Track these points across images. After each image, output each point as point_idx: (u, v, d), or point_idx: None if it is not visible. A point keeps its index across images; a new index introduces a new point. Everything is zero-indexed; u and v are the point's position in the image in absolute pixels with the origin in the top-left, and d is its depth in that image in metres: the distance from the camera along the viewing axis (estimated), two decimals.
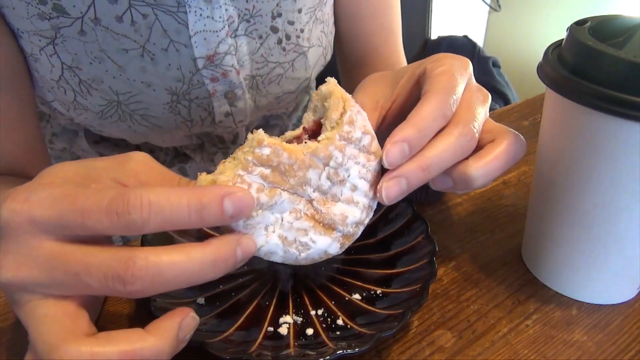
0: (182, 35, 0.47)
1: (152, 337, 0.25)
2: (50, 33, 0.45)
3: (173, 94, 0.51)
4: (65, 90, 0.49)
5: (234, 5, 0.49)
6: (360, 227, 0.34)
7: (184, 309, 0.27)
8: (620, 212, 0.34)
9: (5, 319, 0.38)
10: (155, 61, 0.48)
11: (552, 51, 0.36)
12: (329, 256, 0.33)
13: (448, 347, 0.35)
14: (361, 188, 0.33)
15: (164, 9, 0.46)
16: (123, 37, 0.46)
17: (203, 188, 0.26)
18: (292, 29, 0.54)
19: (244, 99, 0.55)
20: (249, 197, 0.27)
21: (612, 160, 0.32)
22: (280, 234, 0.31)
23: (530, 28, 2.03)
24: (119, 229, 0.25)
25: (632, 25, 0.34)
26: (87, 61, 0.47)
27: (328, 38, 0.61)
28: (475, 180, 0.34)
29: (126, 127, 0.53)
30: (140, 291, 0.24)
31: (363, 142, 0.32)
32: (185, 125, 0.55)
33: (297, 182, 0.30)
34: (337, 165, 0.31)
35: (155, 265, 0.24)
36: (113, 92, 0.49)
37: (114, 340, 0.24)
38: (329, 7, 0.60)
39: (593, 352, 0.35)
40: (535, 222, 0.41)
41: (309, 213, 0.31)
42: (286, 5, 0.52)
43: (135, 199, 0.24)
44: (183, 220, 0.25)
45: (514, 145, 0.35)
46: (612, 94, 0.30)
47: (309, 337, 0.35)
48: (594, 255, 0.36)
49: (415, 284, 0.37)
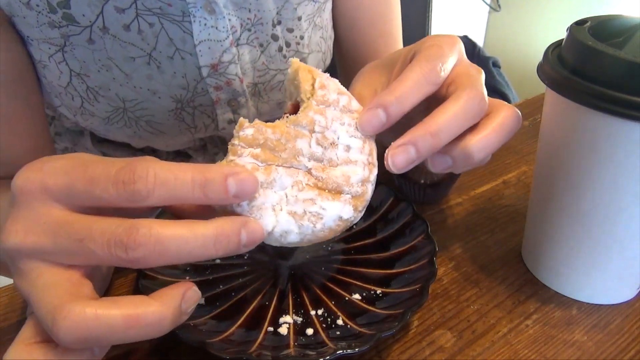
0: (187, 44, 0.48)
1: (156, 303, 0.25)
2: (60, 41, 0.46)
3: (178, 102, 0.52)
4: (72, 97, 0.50)
5: (237, 15, 0.50)
6: (368, 185, 0.33)
7: (187, 282, 0.27)
8: (620, 212, 0.34)
9: (5, 319, 0.38)
10: (161, 69, 0.49)
11: (552, 51, 0.36)
12: (346, 223, 0.32)
13: (448, 347, 0.35)
14: (355, 146, 0.33)
15: (169, 19, 0.47)
16: (130, 45, 0.47)
17: (208, 166, 0.27)
18: (292, 37, 0.55)
19: (247, 106, 0.56)
20: (253, 178, 0.28)
21: (612, 160, 0.32)
22: (289, 210, 0.30)
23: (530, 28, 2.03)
24: (125, 199, 0.25)
25: (632, 25, 0.34)
26: (95, 68, 0.48)
27: (327, 43, 0.62)
28: (475, 155, 0.33)
29: (131, 133, 0.54)
30: (141, 259, 0.25)
31: (341, 102, 0.33)
32: (189, 132, 0.56)
33: (289, 154, 0.30)
34: (323, 128, 0.31)
35: (158, 234, 0.25)
36: (119, 99, 0.50)
37: (119, 304, 0.25)
38: (327, 13, 0.60)
39: (593, 352, 0.35)
40: (535, 222, 0.41)
41: (310, 183, 0.31)
42: (286, 14, 0.53)
43: (141, 169, 0.25)
44: (187, 194, 0.26)
45: (510, 117, 0.34)
46: (612, 94, 0.30)
47: (309, 337, 0.35)
48: (594, 255, 0.36)
49: (415, 284, 0.37)
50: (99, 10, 0.44)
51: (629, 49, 0.32)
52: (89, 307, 0.24)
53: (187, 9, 0.47)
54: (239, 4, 0.50)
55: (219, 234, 0.26)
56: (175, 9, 0.46)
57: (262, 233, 0.29)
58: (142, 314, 0.25)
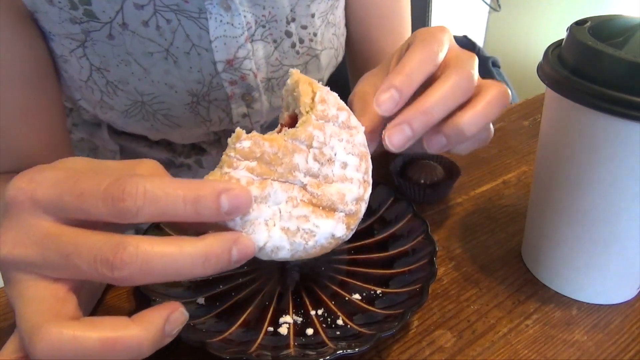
0: (203, 40, 0.49)
1: (137, 327, 0.25)
2: (81, 36, 0.47)
3: (193, 96, 0.53)
4: (92, 90, 0.52)
5: (252, 12, 0.51)
6: (362, 204, 0.33)
7: (174, 303, 0.27)
8: (620, 212, 0.34)
9: (5, 319, 0.38)
10: (178, 64, 0.50)
11: (552, 51, 0.36)
12: (338, 241, 0.33)
13: (448, 347, 0.35)
14: (351, 163, 0.32)
15: (186, 15, 0.48)
16: (148, 40, 0.48)
17: (201, 182, 0.26)
18: (306, 33, 0.56)
19: (261, 100, 0.58)
20: (247, 194, 0.27)
21: (612, 160, 0.32)
22: (282, 226, 0.30)
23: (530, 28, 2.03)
24: (114, 215, 0.25)
25: (632, 25, 0.34)
26: (115, 63, 0.49)
27: (339, 40, 0.63)
28: (465, 130, 0.35)
29: (149, 126, 0.56)
30: (127, 278, 0.24)
31: (340, 118, 0.32)
32: (204, 125, 0.57)
33: (285, 169, 0.30)
34: (320, 144, 0.31)
35: (145, 253, 0.24)
36: (138, 93, 0.51)
37: (98, 326, 0.24)
38: (340, 10, 0.61)
39: (593, 352, 0.35)
40: (535, 222, 0.41)
41: (305, 199, 0.31)
42: (300, 11, 0.54)
43: (131, 186, 0.25)
44: (177, 212, 0.25)
45: (498, 94, 0.36)
46: (612, 94, 0.30)
47: (309, 337, 0.35)
48: (594, 255, 0.36)
49: (415, 284, 0.37)
50: (118, 6, 0.46)
51: (629, 49, 0.32)
52: (67, 328, 0.24)
53: (203, 6, 0.48)
54: (254, 1, 0.51)
55: (208, 252, 0.26)
56: (192, 6, 0.47)
57: (254, 249, 0.28)
58: (120, 337, 0.24)
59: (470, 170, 0.55)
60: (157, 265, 0.25)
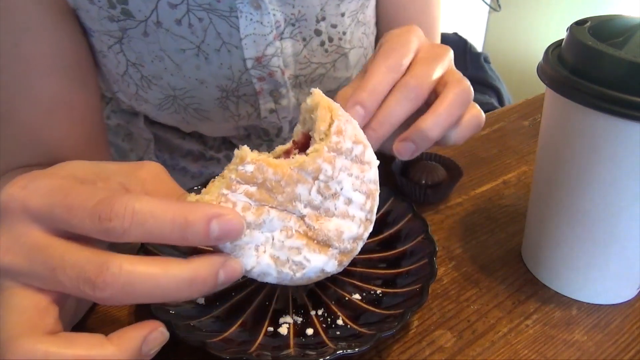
0: (233, 37, 0.51)
1: (112, 347, 0.24)
2: (118, 33, 0.50)
3: (223, 91, 0.55)
4: (128, 84, 0.55)
5: (281, 10, 0.52)
6: (359, 242, 0.33)
7: (154, 322, 0.26)
8: (620, 212, 0.34)
9: None
10: (208, 60, 0.52)
11: (552, 51, 0.36)
12: (327, 275, 0.32)
13: (448, 347, 0.35)
14: (356, 201, 0.31)
15: (218, 14, 0.50)
16: (181, 38, 0.50)
17: (192, 205, 0.26)
18: (335, 32, 0.57)
19: (288, 97, 0.59)
20: (239, 221, 0.26)
21: (612, 160, 0.32)
22: (272, 254, 0.29)
23: (530, 28, 2.03)
24: (101, 234, 0.25)
25: (632, 25, 0.34)
26: (149, 59, 0.51)
27: (369, 39, 0.63)
28: (429, 133, 0.37)
29: (180, 119, 0.58)
30: (109, 299, 0.24)
31: (355, 152, 0.31)
32: (233, 119, 0.59)
33: (286, 198, 0.29)
34: (328, 178, 0.30)
35: (128, 274, 0.24)
36: (170, 88, 0.54)
37: (72, 344, 0.24)
38: (371, 10, 0.62)
39: (593, 352, 0.35)
40: (535, 222, 0.41)
41: (301, 230, 0.30)
42: (330, 10, 0.55)
43: (119, 206, 0.24)
44: (165, 236, 0.25)
45: (460, 93, 0.38)
46: (612, 94, 0.30)
47: (309, 337, 0.35)
48: (594, 255, 0.36)
49: (415, 284, 0.37)
50: (153, 5, 0.48)
51: (629, 49, 0.32)
52: (41, 343, 0.24)
53: (234, 5, 0.49)
54: (284, 0, 0.52)
55: (195, 276, 0.25)
56: (224, 5, 0.49)
57: (241, 272, 0.28)
58: (94, 357, 0.24)
59: (470, 170, 0.55)
60: (140, 287, 0.24)
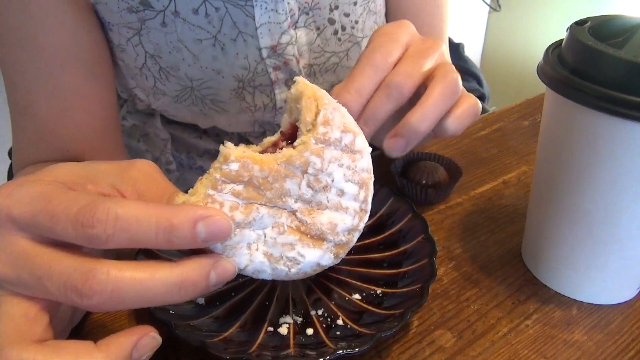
0: (249, 26, 0.52)
1: (100, 354, 0.24)
2: (137, 25, 0.51)
3: (239, 81, 0.56)
4: (146, 77, 0.55)
5: None
6: (355, 234, 0.32)
7: (146, 327, 0.26)
8: (620, 212, 0.34)
9: None
10: (225, 50, 0.53)
11: (552, 51, 0.36)
12: (323, 268, 0.32)
13: (448, 347, 0.35)
14: (349, 192, 0.30)
15: (233, 3, 0.50)
16: (198, 28, 0.51)
17: (177, 208, 0.25)
18: (348, 21, 0.58)
19: None
20: (226, 222, 0.26)
21: (612, 160, 0.32)
22: (265, 251, 0.29)
23: (530, 28, 2.03)
24: (84, 241, 0.24)
25: (632, 25, 0.34)
26: (167, 50, 0.52)
27: None
28: (416, 127, 0.37)
29: (197, 111, 0.59)
30: (97, 306, 0.24)
31: (344, 141, 0.30)
32: (249, 110, 0.60)
33: (275, 194, 0.28)
34: (317, 171, 0.29)
35: (116, 280, 0.24)
36: (188, 79, 0.55)
37: (60, 352, 0.24)
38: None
39: (593, 352, 0.35)
40: (535, 222, 0.41)
41: (293, 226, 0.29)
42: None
43: (102, 212, 0.24)
44: (150, 241, 0.25)
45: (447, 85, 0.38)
46: (612, 94, 0.30)
47: (309, 337, 0.35)
48: (594, 255, 0.36)
49: (415, 284, 0.37)
50: None
51: (629, 49, 0.32)
52: (28, 352, 0.23)
53: None
54: None
55: (184, 280, 0.25)
56: None
57: (234, 272, 0.28)
58: None
59: (470, 170, 0.55)
60: (129, 293, 0.24)
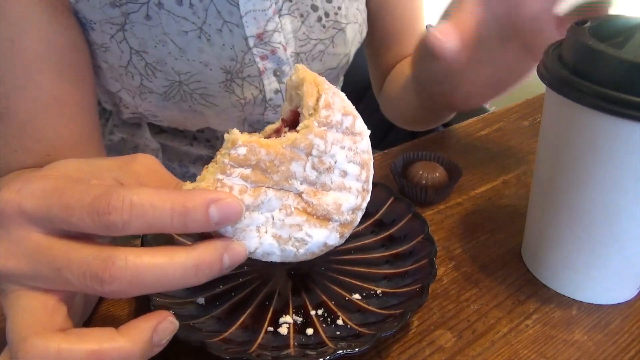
0: (234, 15, 0.52)
1: (123, 339, 0.25)
2: (120, 19, 0.50)
3: (227, 73, 0.55)
4: (132, 75, 0.54)
5: None
6: (358, 213, 0.33)
7: (163, 312, 0.27)
8: (620, 212, 0.34)
9: (5, 319, 0.38)
10: (211, 42, 0.53)
11: (552, 51, 0.36)
12: (330, 248, 0.32)
13: (448, 347, 0.35)
14: (351, 172, 0.31)
15: None
16: (183, 19, 0.51)
17: (189, 192, 0.26)
18: (331, 7, 0.58)
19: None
20: (238, 204, 0.27)
21: (612, 160, 0.32)
22: (274, 233, 0.30)
23: None
24: (101, 229, 0.25)
25: (632, 25, 0.34)
26: (152, 44, 0.52)
27: (362, 15, 0.65)
28: None
29: (187, 107, 0.58)
30: (117, 292, 0.24)
31: (345, 124, 0.31)
32: (239, 104, 0.59)
33: (282, 177, 0.29)
34: (321, 153, 0.30)
35: (135, 266, 0.24)
36: (175, 73, 0.54)
37: (83, 339, 0.24)
38: None
39: (593, 352, 0.35)
40: (535, 222, 0.41)
41: (300, 207, 0.30)
42: None
43: (117, 200, 0.24)
44: (165, 225, 0.25)
45: None
46: (612, 94, 0.30)
47: (309, 337, 0.35)
48: (594, 255, 0.36)
49: (415, 284, 0.37)
50: None
51: (629, 49, 0.32)
52: (52, 341, 0.24)
53: None
54: None
55: (200, 262, 0.26)
56: None
57: (245, 254, 0.28)
58: (107, 350, 0.24)
59: (470, 170, 0.55)
60: (148, 277, 0.24)
